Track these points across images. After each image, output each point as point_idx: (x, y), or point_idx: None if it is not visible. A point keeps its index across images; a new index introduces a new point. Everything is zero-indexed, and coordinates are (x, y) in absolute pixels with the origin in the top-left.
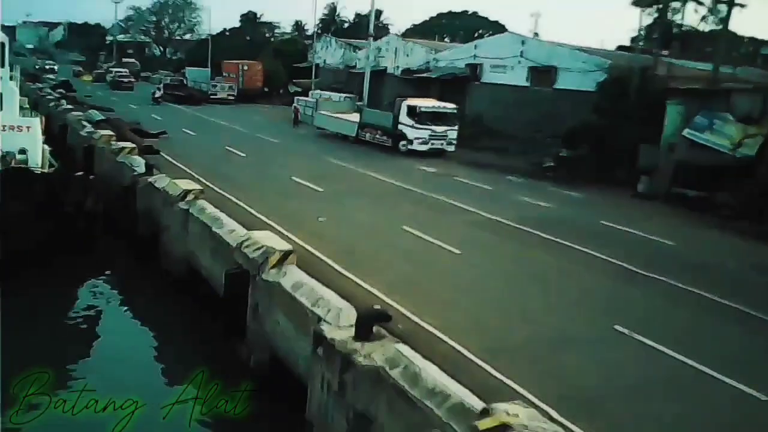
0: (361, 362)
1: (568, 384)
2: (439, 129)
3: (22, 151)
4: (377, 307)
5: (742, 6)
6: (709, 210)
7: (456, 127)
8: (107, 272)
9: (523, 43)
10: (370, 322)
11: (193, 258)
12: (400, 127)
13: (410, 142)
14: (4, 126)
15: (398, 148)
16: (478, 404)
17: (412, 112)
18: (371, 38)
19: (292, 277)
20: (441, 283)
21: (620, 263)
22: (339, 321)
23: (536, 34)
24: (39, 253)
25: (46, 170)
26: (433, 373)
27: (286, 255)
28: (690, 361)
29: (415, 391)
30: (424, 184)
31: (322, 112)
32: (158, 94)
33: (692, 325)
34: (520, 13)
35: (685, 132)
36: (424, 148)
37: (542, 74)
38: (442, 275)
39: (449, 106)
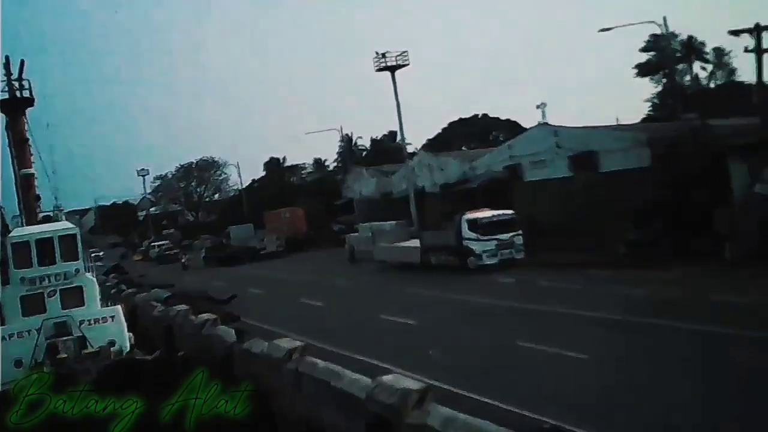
0: None
1: None
2: (505, 237)
3: (111, 343)
4: (546, 426)
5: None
6: None
7: (520, 232)
8: None
9: (555, 133)
10: None
11: (314, 418)
12: (465, 243)
13: (479, 256)
14: (89, 320)
15: (467, 266)
16: None
17: (473, 225)
18: (408, 159)
19: (439, 415)
20: (585, 389)
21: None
22: None
23: (546, 125)
24: None
25: (148, 357)
26: None
27: (424, 394)
28: None
29: None
30: (511, 296)
31: (381, 244)
32: (184, 259)
33: None
34: (524, 106)
35: (756, 188)
36: (494, 260)
37: (583, 161)
38: (589, 385)
39: (507, 212)
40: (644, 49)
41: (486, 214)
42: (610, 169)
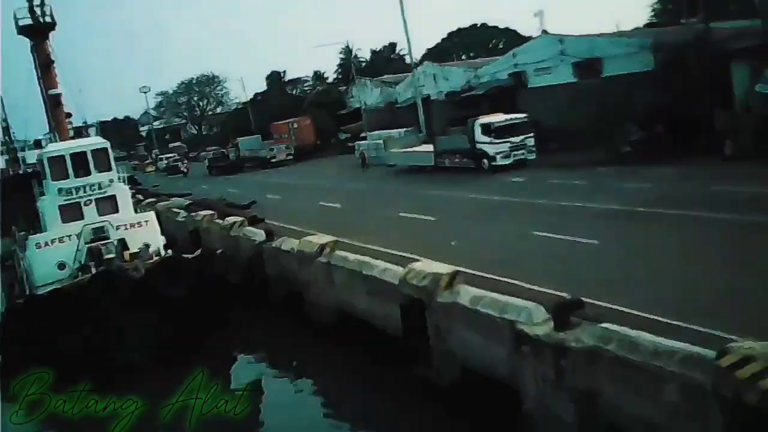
0: (574, 347)
1: None
2: (517, 139)
3: (147, 245)
4: (568, 296)
5: None
6: None
7: (531, 134)
8: (257, 342)
9: (561, 42)
10: (567, 311)
11: (346, 305)
12: (478, 146)
13: (493, 158)
14: (125, 224)
15: (481, 168)
16: (707, 351)
17: (487, 129)
18: (415, 69)
19: (468, 294)
20: (599, 272)
21: (751, 219)
22: (533, 319)
23: (545, 32)
24: (196, 334)
25: (191, 255)
26: (648, 338)
27: (453, 276)
28: None
29: (636, 357)
30: (523, 193)
31: (393, 150)
32: (182, 167)
33: None
34: (522, 14)
35: (758, 88)
36: (507, 161)
37: (587, 67)
38: (594, 265)
39: (520, 116)
40: None
41: (499, 118)
42: (614, 73)
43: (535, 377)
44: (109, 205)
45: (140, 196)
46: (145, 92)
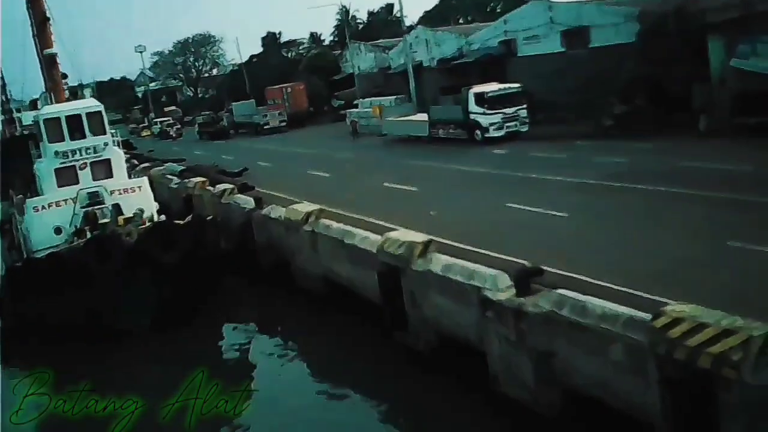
0: (532, 311)
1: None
2: (510, 110)
3: (141, 211)
4: (529, 264)
5: None
6: None
7: (525, 106)
8: (246, 308)
9: (550, 8)
10: (527, 278)
11: (331, 272)
12: (472, 116)
13: (486, 129)
14: (118, 190)
15: (474, 139)
16: (645, 314)
17: (480, 99)
18: (406, 34)
19: (439, 262)
20: (565, 242)
21: (709, 194)
22: (497, 285)
23: None
24: (191, 301)
25: (183, 221)
26: (597, 303)
27: (427, 245)
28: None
29: (587, 320)
30: (504, 165)
31: (389, 118)
32: (171, 131)
33: None
34: None
35: (732, 62)
36: (500, 133)
37: (575, 36)
38: (563, 237)
39: (513, 86)
40: None
41: (492, 87)
42: (601, 44)
43: (498, 340)
44: (103, 169)
45: (135, 161)
46: (140, 52)
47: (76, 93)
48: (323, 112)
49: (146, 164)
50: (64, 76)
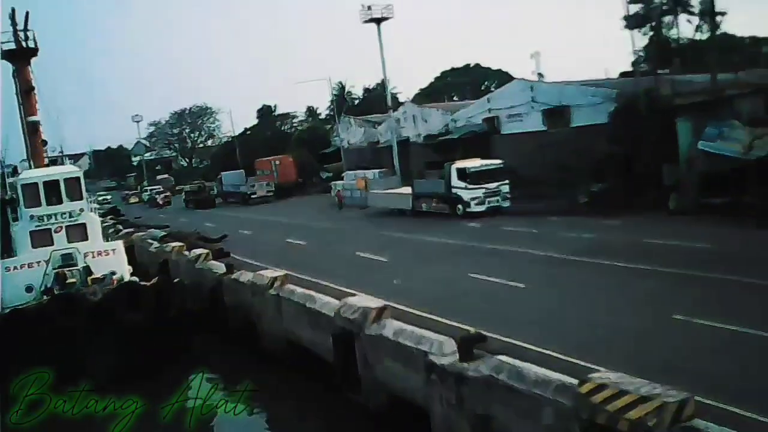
0: (472, 375)
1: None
2: (492, 186)
3: (113, 273)
4: (473, 331)
5: (723, 14)
6: (738, 213)
7: (507, 182)
8: (213, 367)
9: (531, 88)
10: (470, 344)
11: (293, 334)
12: (454, 191)
13: (467, 204)
14: (92, 252)
15: (456, 213)
16: (574, 380)
17: (462, 174)
18: (391, 110)
19: (391, 327)
20: (516, 312)
21: (661, 269)
22: (443, 350)
23: (540, 75)
24: (158, 358)
25: (148, 283)
26: (533, 369)
27: (381, 310)
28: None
29: (522, 386)
30: (475, 238)
31: (374, 190)
32: (158, 198)
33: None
34: (519, 55)
35: (699, 145)
36: (481, 208)
37: (556, 115)
38: (515, 306)
39: (496, 162)
40: (632, 1)
41: (475, 163)
42: (581, 123)
43: (440, 402)
44: (78, 232)
45: (120, 226)
46: (137, 122)
47: (55, 162)
48: (312, 184)
49: (130, 229)
50: (44, 143)
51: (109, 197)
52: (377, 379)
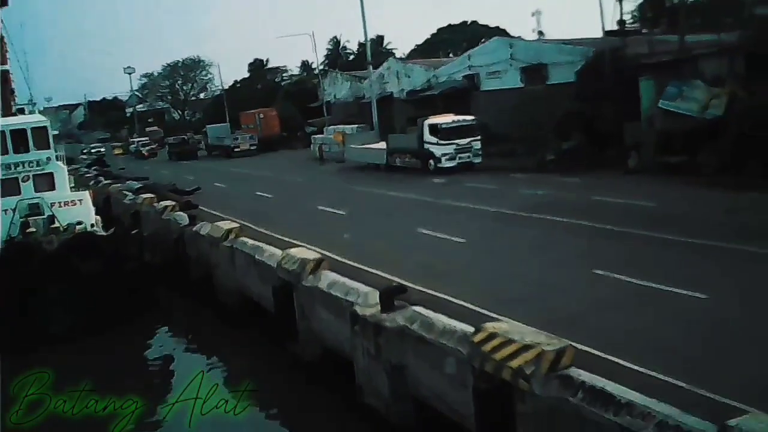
0: (388, 326)
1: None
2: (463, 142)
3: (79, 223)
4: (394, 284)
5: None
6: (692, 172)
7: (478, 137)
8: (175, 317)
9: (511, 46)
10: (390, 296)
11: (244, 287)
12: (426, 146)
13: (438, 159)
14: (59, 202)
15: (428, 169)
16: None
17: (434, 130)
18: (370, 66)
19: (327, 279)
20: (449, 265)
21: (602, 226)
22: (367, 302)
23: (541, 33)
24: (115, 310)
25: (106, 233)
26: (442, 320)
27: (318, 263)
28: (649, 283)
29: (431, 336)
30: (436, 193)
31: (352, 145)
32: (144, 150)
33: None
34: (520, 14)
35: (660, 103)
36: (452, 164)
37: (534, 73)
38: (451, 260)
39: (468, 119)
40: None
41: (446, 119)
42: (557, 81)
43: (362, 353)
44: (46, 181)
45: (102, 178)
46: (129, 73)
47: (22, 111)
48: (296, 138)
49: (110, 180)
50: (12, 92)
51: (103, 149)
52: (313, 331)
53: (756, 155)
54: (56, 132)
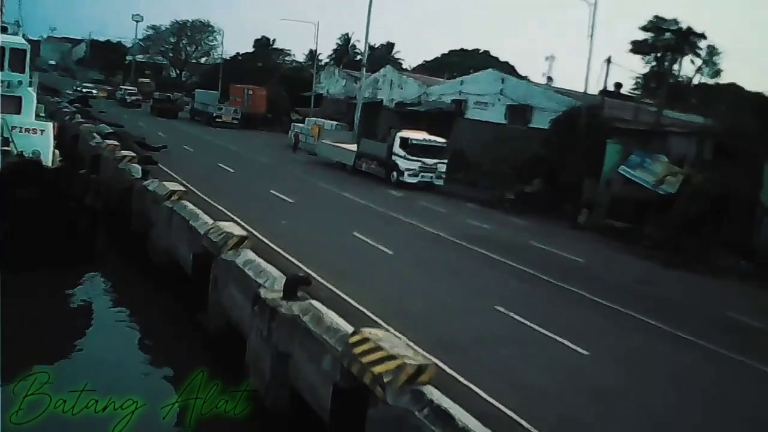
0: (283, 312)
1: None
2: (430, 161)
3: (35, 153)
4: (301, 274)
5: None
6: (634, 240)
7: (445, 161)
8: (104, 266)
9: (503, 81)
10: (294, 284)
11: (174, 249)
12: (393, 158)
13: (401, 173)
14: (21, 127)
15: (390, 180)
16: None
17: (404, 143)
18: (364, 69)
19: (245, 257)
20: (367, 271)
21: (524, 269)
22: (274, 286)
23: (550, 78)
24: (47, 245)
25: (53, 166)
26: (332, 317)
27: (242, 240)
28: (540, 329)
29: (318, 330)
30: (388, 205)
31: (325, 141)
32: (129, 99)
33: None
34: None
35: (620, 168)
36: (413, 180)
37: (519, 112)
38: (371, 267)
39: (439, 140)
40: (644, 28)
41: (418, 135)
42: (538, 125)
43: (255, 334)
44: (12, 104)
45: (79, 115)
46: (137, 21)
47: (5, 29)
48: (281, 122)
49: (84, 120)
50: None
51: (94, 91)
52: (222, 304)
53: (694, 237)
54: (53, 62)
